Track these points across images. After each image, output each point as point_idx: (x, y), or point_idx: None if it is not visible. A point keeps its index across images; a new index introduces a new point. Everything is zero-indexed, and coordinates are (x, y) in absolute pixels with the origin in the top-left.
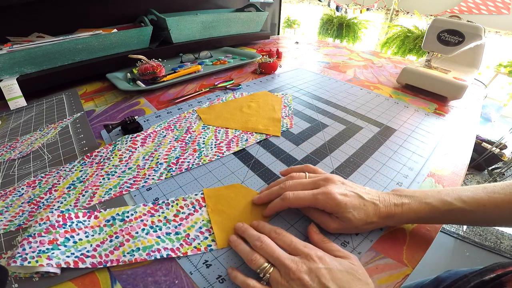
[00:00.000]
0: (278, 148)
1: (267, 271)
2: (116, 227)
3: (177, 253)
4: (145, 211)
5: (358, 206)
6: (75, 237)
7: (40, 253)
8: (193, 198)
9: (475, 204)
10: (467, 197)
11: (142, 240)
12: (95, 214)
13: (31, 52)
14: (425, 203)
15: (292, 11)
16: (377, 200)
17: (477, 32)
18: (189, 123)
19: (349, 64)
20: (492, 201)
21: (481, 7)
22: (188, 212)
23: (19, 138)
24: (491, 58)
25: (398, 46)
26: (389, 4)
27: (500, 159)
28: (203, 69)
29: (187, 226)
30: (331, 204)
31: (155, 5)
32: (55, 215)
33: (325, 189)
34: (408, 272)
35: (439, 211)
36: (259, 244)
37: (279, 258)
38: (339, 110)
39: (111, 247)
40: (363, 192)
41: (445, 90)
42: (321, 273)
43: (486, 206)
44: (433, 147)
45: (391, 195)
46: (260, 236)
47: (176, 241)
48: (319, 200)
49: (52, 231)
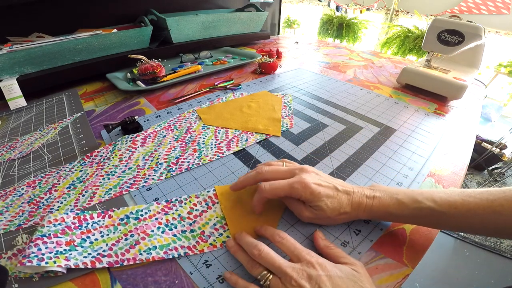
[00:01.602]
0: (278, 148)
1: (267, 278)
2: (131, 225)
3: (194, 251)
4: (158, 209)
5: (332, 195)
6: (91, 237)
7: (58, 254)
8: (206, 195)
9: (446, 205)
10: (439, 198)
11: (159, 239)
12: (109, 213)
13: (31, 52)
14: (395, 199)
15: (292, 11)
16: (351, 190)
17: (477, 32)
18: (189, 123)
19: (349, 64)
20: (465, 204)
21: (481, 7)
22: (202, 209)
23: (19, 138)
24: (491, 58)
25: (398, 46)
26: (389, 4)
27: (500, 159)
28: (203, 69)
29: (202, 223)
30: (306, 193)
31: (155, 5)
32: (70, 217)
33: (300, 178)
34: (408, 272)
35: (407, 208)
36: (257, 253)
37: (280, 267)
38: (339, 110)
39: (126, 245)
40: (338, 183)
41: (445, 90)
42: (321, 280)
43: (458, 209)
44: (433, 147)
45: (365, 188)
46: (257, 244)
47: (192, 238)
48: (294, 189)
49: (69, 233)
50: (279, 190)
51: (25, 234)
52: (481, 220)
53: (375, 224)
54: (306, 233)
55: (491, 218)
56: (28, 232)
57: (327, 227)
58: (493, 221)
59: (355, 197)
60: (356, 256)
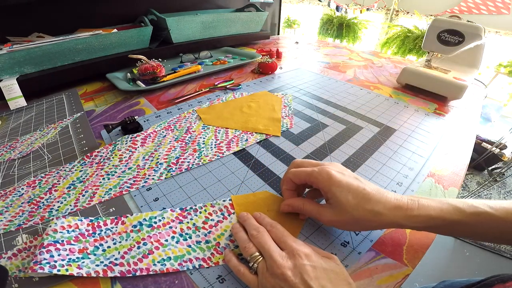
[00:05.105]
0: (278, 148)
1: (257, 260)
2: (144, 233)
3: (209, 263)
4: (173, 217)
5: (356, 188)
6: (104, 245)
7: (70, 262)
8: (221, 205)
9: (503, 211)
10: (493, 203)
11: (173, 249)
12: (122, 219)
13: (31, 52)
14: (446, 203)
15: (292, 11)
16: (383, 189)
17: (477, 32)
18: (189, 123)
19: (349, 64)
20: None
21: (481, 7)
22: (217, 219)
23: (19, 138)
24: (491, 58)
25: (398, 46)
26: (389, 4)
27: (500, 159)
28: (203, 69)
29: (217, 234)
30: (323, 177)
31: (155, 5)
32: (84, 224)
33: (323, 166)
34: (408, 272)
35: (463, 213)
36: (255, 234)
37: (269, 250)
38: (339, 110)
39: (139, 254)
40: (370, 183)
41: (445, 90)
42: (305, 270)
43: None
44: (433, 147)
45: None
46: (258, 227)
47: (207, 250)
48: (313, 174)
49: (82, 240)
50: (299, 175)
51: (25, 234)
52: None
53: None
54: (306, 234)
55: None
56: (28, 232)
57: (326, 227)
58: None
59: (391, 196)
60: (356, 256)
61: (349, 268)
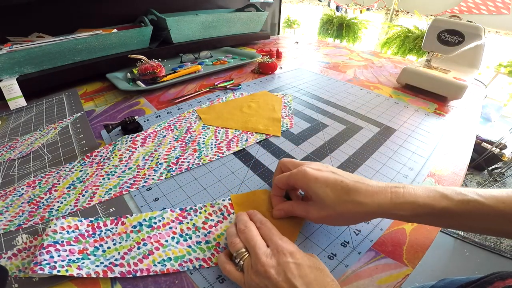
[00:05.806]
0: (278, 148)
1: (243, 257)
2: (143, 233)
3: (209, 263)
4: (173, 217)
5: (333, 181)
6: (104, 245)
7: (70, 263)
8: (221, 204)
9: (493, 199)
10: (482, 192)
11: (173, 250)
12: (121, 220)
13: (31, 52)
14: (434, 190)
15: (292, 11)
16: (365, 182)
17: (477, 32)
18: (189, 123)
19: (349, 64)
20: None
21: (481, 7)
22: (217, 220)
23: (19, 138)
24: (491, 58)
25: (398, 46)
26: (389, 4)
27: (500, 159)
28: (203, 69)
29: (217, 234)
30: (299, 177)
31: (155, 5)
32: (84, 224)
33: (300, 167)
34: (408, 272)
35: (451, 201)
36: (243, 229)
37: (254, 246)
38: (339, 110)
39: (139, 255)
40: (351, 175)
41: (445, 90)
42: (288, 268)
43: (506, 204)
44: (433, 147)
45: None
46: (247, 221)
47: (207, 250)
48: (291, 176)
49: (82, 241)
50: (282, 177)
51: (25, 234)
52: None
53: (375, 224)
54: (306, 234)
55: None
56: (28, 232)
57: (326, 226)
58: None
59: (371, 184)
60: (356, 256)
61: (349, 268)
